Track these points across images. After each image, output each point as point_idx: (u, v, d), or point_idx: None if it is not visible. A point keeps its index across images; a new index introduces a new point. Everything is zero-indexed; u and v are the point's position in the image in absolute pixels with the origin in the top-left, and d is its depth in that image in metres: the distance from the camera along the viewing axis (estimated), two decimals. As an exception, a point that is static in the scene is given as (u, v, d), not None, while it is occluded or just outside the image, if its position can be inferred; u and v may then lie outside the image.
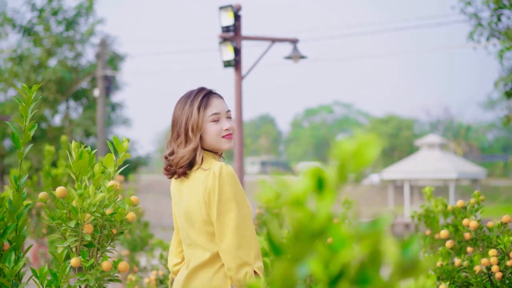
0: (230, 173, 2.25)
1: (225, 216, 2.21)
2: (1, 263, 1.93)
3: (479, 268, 2.85)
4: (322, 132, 58.19)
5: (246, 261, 2.18)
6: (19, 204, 2.04)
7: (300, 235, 0.76)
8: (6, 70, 19.12)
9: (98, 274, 1.92)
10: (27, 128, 2.07)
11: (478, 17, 11.53)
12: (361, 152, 0.76)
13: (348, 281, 0.74)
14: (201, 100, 2.37)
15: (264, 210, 5.79)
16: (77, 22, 17.94)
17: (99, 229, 1.96)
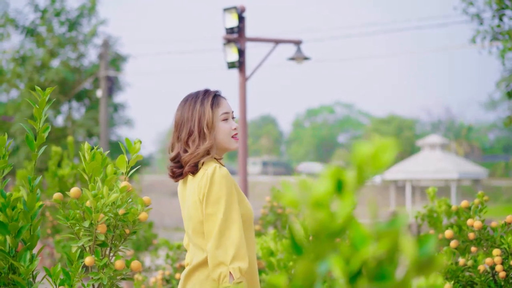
0: (222, 175, 2.28)
1: (212, 217, 2.26)
2: (16, 262, 1.97)
3: (483, 268, 2.88)
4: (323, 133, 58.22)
5: (222, 261, 2.22)
6: (33, 204, 2.08)
7: (321, 234, 0.80)
8: (8, 70, 19.17)
9: (111, 273, 1.96)
10: (41, 130, 2.11)
11: (480, 17, 11.55)
12: (379, 155, 0.80)
13: (367, 278, 0.78)
14: (212, 100, 2.43)
15: (268, 211, 5.84)
16: (79, 23, 17.99)
17: (112, 229, 2.00)
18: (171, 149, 2.45)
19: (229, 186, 2.28)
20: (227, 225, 2.25)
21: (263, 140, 58.41)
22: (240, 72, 7.76)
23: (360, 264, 0.77)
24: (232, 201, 2.28)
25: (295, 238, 0.83)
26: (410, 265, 0.77)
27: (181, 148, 2.39)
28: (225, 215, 2.25)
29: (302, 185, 0.81)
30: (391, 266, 0.77)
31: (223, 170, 2.31)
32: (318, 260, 0.80)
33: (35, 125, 2.10)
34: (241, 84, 7.74)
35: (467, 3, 11.64)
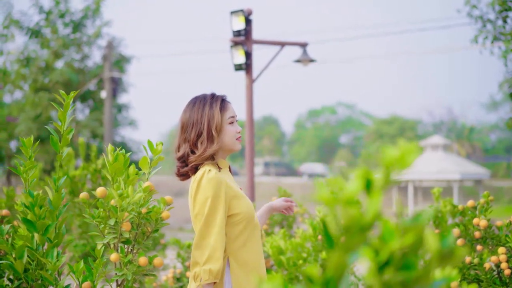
0: (209, 178, 2.37)
1: (196, 218, 2.36)
2: (44, 259, 2.06)
3: (489, 266, 2.97)
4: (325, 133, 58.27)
5: (198, 261, 2.32)
6: (58, 203, 2.17)
7: (352, 228, 0.89)
8: (12, 71, 19.26)
9: (135, 269, 2.05)
10: (66, 132, 2.19)
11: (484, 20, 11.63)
12: (403, 158, 0.89)
13: (394, 268, 0.87)
14: (221, 104, 2.54)
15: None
16: (84, 24, 18.08)
17: (135, 227, 2.09)
18: (177, 149, 2.55)
19: (215, 189, 2.37)
20: (207, 227, 2.34)
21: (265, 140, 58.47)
22: (247, 74, 7.86)
23: (388, 255, 0.86)
24: (217, 203, 2.37)
25: (328, 231, 0.92)
26: (432, 256, 0.86)
27: (188, 149, 2.49)
28: (207, 217, 2.33)
29: (335, 184, 0.90)
30: (415, 258, 0.86)
31: (211, 173, 2.39)
32: (349, 251, 0.89)
33: (60, 127, 2.19)
34: (248, 85, 7.85)
35: (471, 6, 11.71)
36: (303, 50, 8.15)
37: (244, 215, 2.47)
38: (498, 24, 11.47)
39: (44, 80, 17.92)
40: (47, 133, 17.90)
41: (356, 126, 60.07)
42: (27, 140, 2.21)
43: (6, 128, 19.43)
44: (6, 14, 18.09)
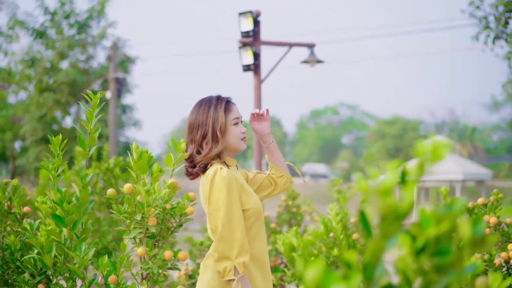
0: (222, 176, 2.46)
1: (213, 216, 2.44)
2: (73, 252, 2.14)
3: (499, 262, 3.04)
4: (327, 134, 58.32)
5: (228, 256, 2.41)
6: (85, 200, 2.25)
7: (388, 217, 0.96)
8: (17, 72, 19.36)
9: (160, 262, 2.12)
10: (93, 131, 2.27)
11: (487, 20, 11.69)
12: (436, 151, 0.96)
13: (429, 253, 0.94)
14: (225, 105, 2.64)
15: (283, 209, 6.00)
16: (88, 25, 18.17)
17: (160, 222, 2.17)
18: (185, 149, 2.64)
19: (229, 186, 2.46)
20: (230, 222, 2.43)
21: (267, 141, 58.41)
22: (255, 74, 7.96)
23: (425, 241, 0.93)
24: (233, 199, 2.46)
25: (366, 221, 0.99)
26: (465, 243, 0.93)
27: (195, 149, 2.58)
28: (227, 212, 2.42)
29: (373, 176, 0.97)
30: (449, 244, 0.93)
31: (224, 171, 2.48)
32: (386, 239, 0.97)
33: (87, 125, 2.27)
34: (256, 86, 7.93)
35: (475, 7, 11.77)
36: (310, 51, 8.23)
37: (253, 210, 2.57)
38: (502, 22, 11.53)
39: (49, 80, 18.01)
40: (50, 133, 17.99)
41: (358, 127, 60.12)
42: (55, 139, 2.29)
43: (11, 128, 19.53)
44: (11, 15, 18.19)
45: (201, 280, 2.59)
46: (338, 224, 3.73)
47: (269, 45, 8.22)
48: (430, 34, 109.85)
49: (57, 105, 17.82)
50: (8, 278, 3.01)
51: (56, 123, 18.59)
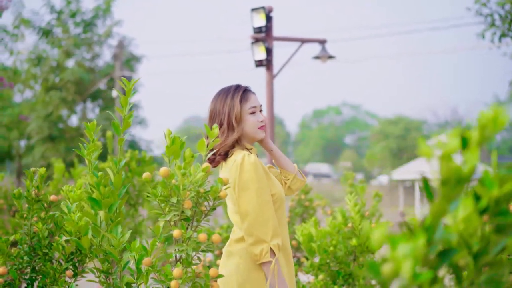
0: (251, 162, 2.54)
1: (244, 200, 2.51)
2: (110, 234, 2.19)
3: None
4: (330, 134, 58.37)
5: (263, 239, 2.47)
6: (119, 184, 2.30)
7: (451, 180, 1.01)
8: (22, 71, 19.43)
9: (194, 245, 2.17)
10: (127, 117, 2.32)
11: (493, 17, 11.72)
12: (497, 118, 1.01)
13: (491, 214, 0.99)
14: (241, 94, 2.70)
15: (296, 203, 6.06)
16: (94, 24, 18.25)
17: (194, 205, 2.22)
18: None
19: (258, 171, 2.54)
20: (261, 206, 2.50)
21: (270, 141, 58.52)
22: (267, 70, 8.03)
23: (487, 202, 0.98)
24: (263, 184, 2.54)
25: (428, 185, 1.04)
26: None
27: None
28: (258, 197, 2.50)
29: (436, 141, 1.02)
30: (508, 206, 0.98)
31: (251, 157, 2.57)
32: (449, 201, 1.01)
33: (121, 112, 2.32)
34: (269, 82, 8.00)
35: (480, 4, 11.81)
36: (322, 46, 8.31)
37: (278, 196, 2.64)
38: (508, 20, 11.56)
39: (55, 79, 18.08)
40: (56, 132, 18.05)
41: (361, 127, 60.15)
42: (91, 124, 2.34)
43: (18, 127, 19.61)
44: (17, 14, 18.26)
45: (227, 265, 2.64)
46: (356, 214, 3.78)
47: (281, 40, 8.29)
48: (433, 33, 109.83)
49: (63, 103, 17.89)
50: (35, 265, 3.06)
51: (62, 122, 18.66)
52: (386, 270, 0.99)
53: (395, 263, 0.98)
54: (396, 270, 0.99)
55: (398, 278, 1.00)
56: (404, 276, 0.98)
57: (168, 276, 2.19)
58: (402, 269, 0.97)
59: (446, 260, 1.04)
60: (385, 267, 1.00)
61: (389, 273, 0.99)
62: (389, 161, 43.92)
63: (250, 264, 2.56)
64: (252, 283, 2.55)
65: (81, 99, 18.25)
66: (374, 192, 5.59)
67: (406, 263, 0.97)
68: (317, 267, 3.87)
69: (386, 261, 1.01)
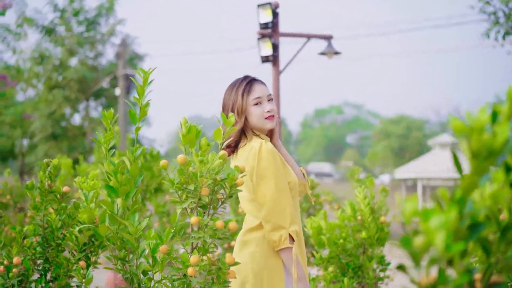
0: (268, 149, 2.57)
1: (262, 187, 2.54)
2: (128, 221, 2.20)
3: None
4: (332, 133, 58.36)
5: (281, 225, 2.50)
6: (136, 172, 2.32)
7: (482, 153, 1.02)
8: (25, 69, 19.46)
9: (211, 232, 2.18)
10: (144, 106, 2.34)
11: (497, 15, 11.73)
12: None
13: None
14: (244, 87, 2.72)
15: (302, 199, 6.07)
16: (97, 22, 18.27)
17: (211, 192, 2.23)
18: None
19: (275, 159, 2.57)
20: (280, 194, 2.52)
21: (271, 140, 58.51)
22: (274, 66, 8.05)
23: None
24: (280, 172, 2.57)
25: (457, 159, 1.06)
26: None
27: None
28: (276, 184, 2.52)
29: (468, 115, 1.03)
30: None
31: (269, 145, 2.60)
32: (479, 174, 1.03)
33: (138, 101, 2.33)
34: (275, 77, 8.03)
35: (484, 2, 11.81)
36: (328, 42, 8.33)
37: (293, 184, 2.67)
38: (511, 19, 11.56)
39: (58, 77, 18.10)
40: (59, 130, 18.08)
41: (363, 126, 60.14)
42: (108, 113, 2.35)
43: (21, 125, 19.64)
44: (20, 13, 18.29)
45: (241, 255, 2.65)
46: (366, 207, 3.79)
47: (288, 36, 8.30)
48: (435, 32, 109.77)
49: (66, 102, 17.91)
50: (48, 255, 3.07)
51: (65, 120, 18.69)
52: (418, 242, 1.01)
53: (427, 235, 0.99)
54: (429, 242, 1.00)
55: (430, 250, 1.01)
56: (437, 248, 0.99)
57: (185, 263, 2.21)
58: (434, 240, 0.99)
59: (476, 234, 1.06)
60: (417, 240, 1.01)
61: (421, 245, 1.00)
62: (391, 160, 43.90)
63: (266, 251, 2.57)
64: (268, 270, 2.57)
65: (84, 98, 18.27)
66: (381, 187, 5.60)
67: (439, 235, 0.98)
68: (326, 260, 3.88)
69: (418, 233, 1.02)
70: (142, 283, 2.27)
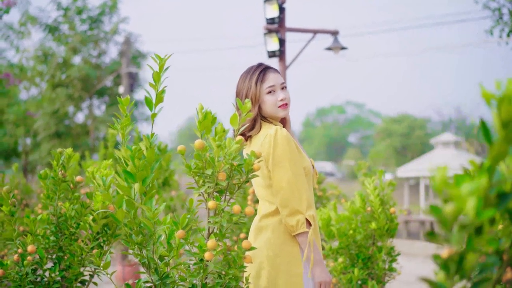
0: (284, 135, 2.61)
1: (278, 172, 2.56)
2: (145, 206, 2.22)
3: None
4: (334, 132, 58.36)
5: (298, 210, 2.53)
6: (152, 158, 2.33)
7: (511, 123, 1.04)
8: (28, 68, 19.49)
9: (228, 216, 2.20)
10: (160, 92, 2.35)
11: (501, 12, 11.73)
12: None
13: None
14: (258, 75, 2.75)
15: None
16: (101, 20, 18.29)
17: (228, 177, 2.25)
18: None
19: (291, 145, 2.60)
20: (296, 179, 2.55)
21: (273, 139, 58.51)
22: (280, 61, 8.09)
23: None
24: (297, 157, 2.60)
25: (486, 127, 1.07)
26: None
27: None
28: (292, 169, 2.55)
29: (497, 84, 1.05)
30: None
31: (284, 131, 2.63)
32: (509, 143, 1.04)
33: (155, 87, 2.35)
34: (281, 73, 8.05)
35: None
36: (334, 38, 8.35)
37: (308, 169, 2.70)
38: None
39: (61, 76, 18.13)
40: (63, 128, 18.10)
41: (364, 125, 60.14)
42: (124, 99, 2.37)
43: (25, 123, 19.68)
44: (23, 12, 18.32)
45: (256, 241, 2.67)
46: (376, 197, 3.81)
47: (294, 31, 8.33)
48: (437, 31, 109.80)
49: (69, 100, 17.93)
50: (62, 244, 3.10)
51: (68, 119, 18.72)
52: (449, 209, 1.03)
53: (458, 202, 1.01)
54: (459, 208, 1.02)
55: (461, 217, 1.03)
56: (468, 214, 1.01)
57: (202, 248, 2.22)
58: (465, 206, 1.00)
59: (504, 203, 1.07)
60: (448, 206, 1.03)
61: (452, 211, 1.02)
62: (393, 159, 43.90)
63: (282, 237, 2.59)
64: (283, 257, 2.58)
65: (87, 96, 18.30)
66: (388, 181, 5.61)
67: (470, 201, 1.00)
68: (336, 251, 3.90)
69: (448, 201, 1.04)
70: (159, 268, 2.29)
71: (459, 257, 1.07)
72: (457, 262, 1.08)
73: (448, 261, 1.08)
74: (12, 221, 3.04)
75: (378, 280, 3.77)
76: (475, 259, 1.07)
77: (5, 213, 3.01)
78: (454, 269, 1.09)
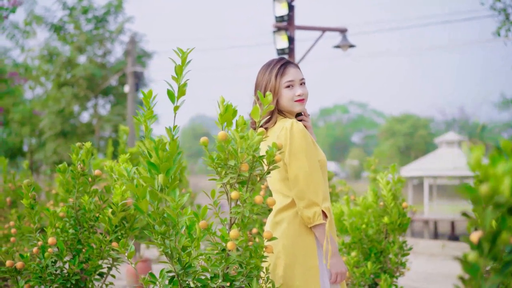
0: (300, 128, 2.64)
1: (295, 165, 2.60)
2: (169, 197, 2.26)
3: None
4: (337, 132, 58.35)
5: (315, 202, 2.56)
6: (174, 150, 2.37)
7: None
8: (34, 67, 19.55)
9: (250, 207, 2.24)
10: (182, 86, 2.39)
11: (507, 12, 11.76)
12: None
13: None
14: (278, 69, 2.79)
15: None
16: (106, 20, 18.35)
17: (250, 168, 2.29)
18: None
19: (307, 137, 2.64)
20: (312, 171, 2.59)
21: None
22: (289, 58, 8.10)
23: None
24: (312, 150, 2.64)
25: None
26: None
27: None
28: (308, 162, 2.59)
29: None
30: None
31: (300, 124, 2.67)
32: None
33: (177, 80, 2.39)
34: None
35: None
36: (342, 36, 8.37)
37: (322, 162, 2.74)
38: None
39: (67, 75, 18.19)
40: (69, 127, 18.16)
41: (368, 125, 60.12)
42: (148, 92, 2.41)
43: (30, 123, 19.74)
44: (29, 11, 18.38)
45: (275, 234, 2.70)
46: (388, 192, 3.85)
47: (303, 29, 8.35)
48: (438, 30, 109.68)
49: (75, 99, 18.00)
50: (81, 237, 3.14)
51: (74, 118, 18.79)
52: (485, 188, 1.06)
53: (494, 181, 1.05)
54: (495, 187, 1.06)
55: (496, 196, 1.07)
56: (503, 193, 1.05)
57: (225, 238, 2.27)
58: (502, 185, 1.04)
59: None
60: (483, 186, 1.07)
61: (487, 191, 1.06)
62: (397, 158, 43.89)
63: (298, 229, 2.63)
64: (299, 248, 2.62)
65: (92, 95, 18.36)
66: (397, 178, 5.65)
67: (506, 179, 1.04)
68: (348, 245, 3.93)
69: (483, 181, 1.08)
70: (182, 258, 2.33)
71: (492, 236, 1.11)
72: (490, 241, 1.12)
73: (481, 240, 1.12)
74: (32, 214, 3.08)
75: (390, 274, 3.81)
76: (509, 239, 1.10)
77: (25, 206, 3.05)
78: (487, 249, 1.12)
